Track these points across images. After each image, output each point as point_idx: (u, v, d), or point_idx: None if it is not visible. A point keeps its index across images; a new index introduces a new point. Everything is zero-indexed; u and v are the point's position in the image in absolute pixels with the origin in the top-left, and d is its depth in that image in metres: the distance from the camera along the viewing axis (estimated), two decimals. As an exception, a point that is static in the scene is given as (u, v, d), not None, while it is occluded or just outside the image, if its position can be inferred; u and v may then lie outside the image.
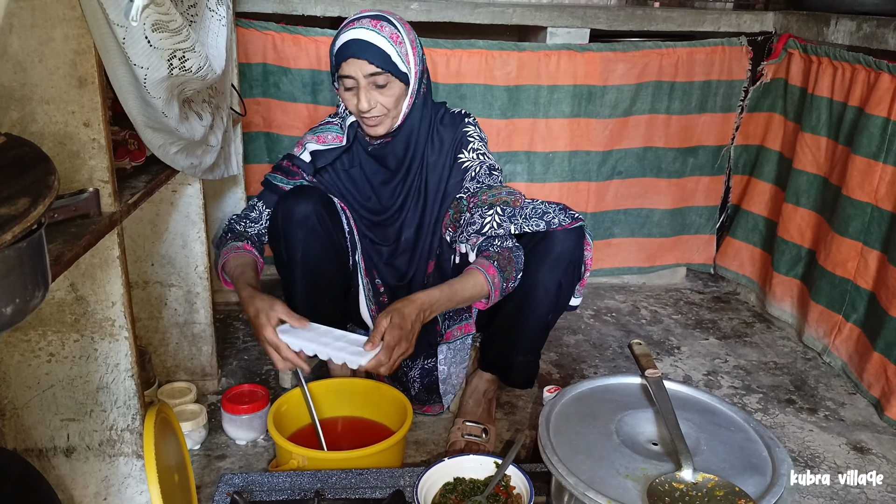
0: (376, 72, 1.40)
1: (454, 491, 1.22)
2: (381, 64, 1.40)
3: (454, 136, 1.56)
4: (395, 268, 1.64)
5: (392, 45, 1.41)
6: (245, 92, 2.08)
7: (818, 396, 1.85)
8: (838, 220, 1.93)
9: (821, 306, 2.02)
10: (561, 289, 1.49)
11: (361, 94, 1.42)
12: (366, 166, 1.59)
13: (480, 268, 1.40)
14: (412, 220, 1.60)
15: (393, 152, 1.54)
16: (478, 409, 1.60)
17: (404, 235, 1.61)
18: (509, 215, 1.46)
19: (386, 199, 1.60)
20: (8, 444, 1.13)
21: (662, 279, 2.57)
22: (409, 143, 1.53)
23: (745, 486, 0.99)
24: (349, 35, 1.41)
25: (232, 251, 1.49)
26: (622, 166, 2.35)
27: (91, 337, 1.09)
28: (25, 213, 0.65)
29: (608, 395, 1.26)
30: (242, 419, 1.52)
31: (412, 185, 1.58)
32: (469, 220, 1.48)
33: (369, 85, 1.42)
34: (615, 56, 2.19)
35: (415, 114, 1.51)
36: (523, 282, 1.47)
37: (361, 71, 1.40)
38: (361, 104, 1.42)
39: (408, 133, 1.52)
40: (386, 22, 1.42)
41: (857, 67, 1.89)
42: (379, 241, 1.63)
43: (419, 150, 1.55)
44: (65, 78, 0.96)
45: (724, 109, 2.34)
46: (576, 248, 1.47)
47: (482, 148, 1.57)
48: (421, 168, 1.57)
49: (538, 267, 1.47)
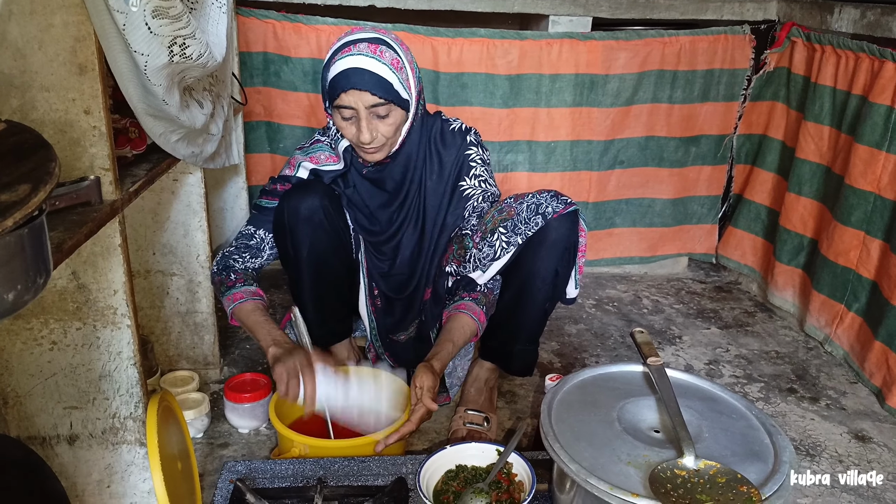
0: (379, 103, 1.34)
1: (456, 478, 1.22)
2: (384, 94, 1.34)
3: (455, 159, 1.52)
4: (393, 283, 1.62)
5: (394, 72, 1.35)
6: (246, 81, 2.07)
7: (819, 385, 1.85)
8: (841, 209, 1.93)
9: (823, 296, 2.02)
10: (557, 276, 1.49)
11: (363, 126, 1.36)
12: (361, 189, 1.55)
13: (474, 316, 1.51)
14: (409, 243, 1.57)
15: (391, 176, 1.51)
16: (479, 397, 1.61)
17: (400, 257, 1.58)
18: (511, 229, 1.45)
19: (384, 222, 1.56)
20: (11, 431, 1.14)
21: (664, 269, 2.56)
22: (407, 166, 1.50)
23: (747, 474, 0.99)
24: (348, 63, 1.33)
25: (248, 298, 1.46)
26: (624, 156, 2.34)
27: (93, 325, 1.09)
28: (26, 200, 0.64)
29: (610, 382, 1.26)
30: (245, 407, 1.53)
31: (410, 208, 1.54)
32: (480, 256, 1.49)
33: (370, 115, 1.36)
34: (617, 45, 2.18)
35: (413, 136, 1.47)
36: (520, 271, 1.48)
37: (363, 102, 1.34)
38: (363, 136, 1.37)
39: (406, 156, 1.49)
40: (385, 46, 1.36)
41: (861, 56, 1.88)
42: (377, 255, 1.61)
43: (417, 172, 1.51)
44: (65, 65, 0.95)
45: (727, 98, 2.33)
46: (570, 233, 1.46)
47: (484, 174, 1.54)
48: (419, 192, 1.53)
49: (534, 256, 1.46)
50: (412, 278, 1.59)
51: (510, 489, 1.20)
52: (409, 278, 1.60)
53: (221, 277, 1.52)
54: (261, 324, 1.43)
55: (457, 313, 1.51)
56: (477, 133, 1.56)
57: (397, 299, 1.62)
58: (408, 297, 1.61)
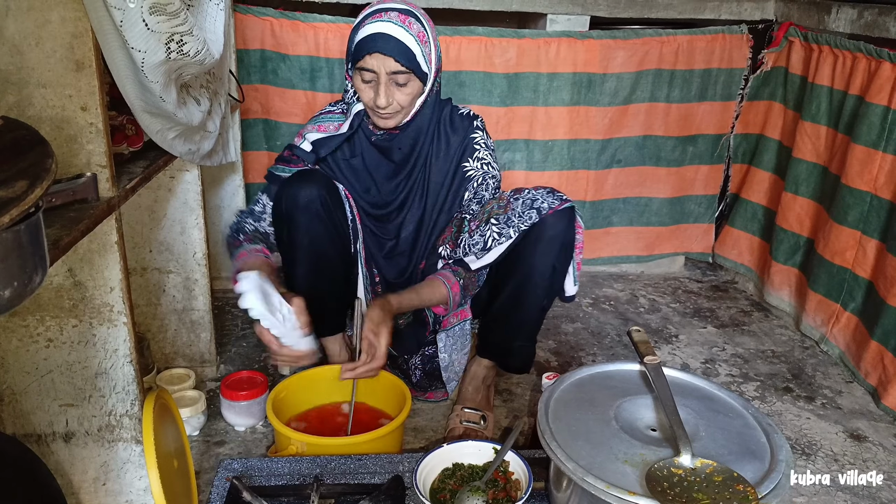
0: (400, 70, 1.39)
1: (453, 476, 1.22)
2: (406, 63, 1.38)
3: (461, 142, 1.56)
4: (395, 263, 1.64)
5: (419, 44, 1.40)
6: (243, 78, 2.07)
7: (815, 385, 1.86)
8: (837, 208, 1.93)
9: (819, 295, 2.02)
10: (555, 272, 1.49)
11: (381, 90, 1.40)
12: (368, 157, 1.58)
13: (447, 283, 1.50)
14: (413, 218, 1.60)
15: (399, 146, 1.54)
16: (477, 395, 1.61)
17: (404, 233, 1.61)
18: (505, 221, 1.46)
19: (388, 193, 1.59)
20: (7, 429, 1.13)
21: (661, 268, 2.57)
22: (416, 139, 1.53)
23: (743, 472, 1.00)
24: (376, 27, 1.38)
25: (251, 255, 1.47)
26: (621, 154, 2.35)
27: (89, 322, 1.09)
28: (23, 196, 0.64)
29: (607, 381, 1.26)
30: (241, 405, 1.52)
31: (415, 183, 1.58)
32: (471, 242, 1.49)
33: (390, 81, 1.40)
34: (615, 43, 2.18)
35: (425, 111, 1.50)
36: (518, 268, 1.48)
37: (385, 67, 1.38)
38: (380, 100, 1.41)
39: (416, 129, 1.52)
40: (414, 18, 1.41)
41: (858, 56, 1.88)
42: (380, 234, 1.63)
43: (424, 148, 1.55)
44: (62, 61, 0.95)
45: (724, 98, 2.33)
46: (567, 229, 1.47)
47: (487, 158, 1.57)
48: (424, 168, 1.57)
49: (532, 252, 1.47)
50: (412, 258, 1.61)
51: (507, 487, 1.20)
52: (409, 259, 1.62)
53: (231, 240, 1.55)
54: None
55: (433, 277, 1.53)
56: (483, 121, 1.60)
57: (397, 283, 1.63)
58: (407, 279, 1.63)
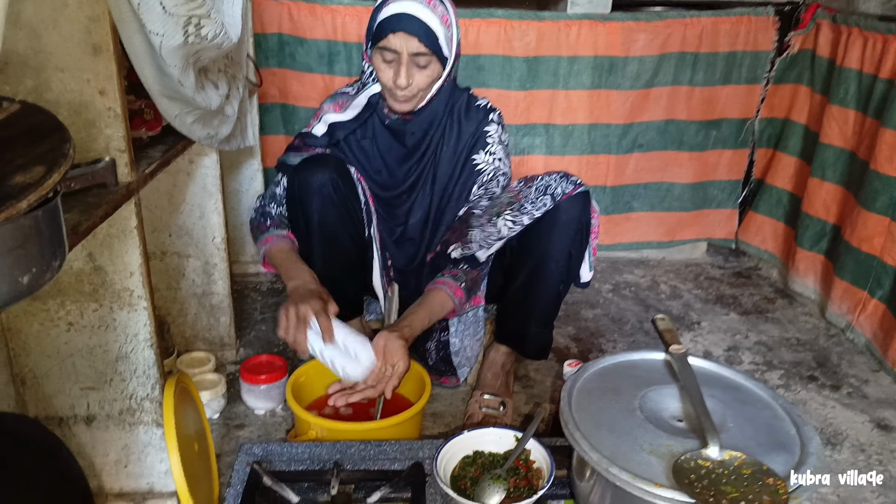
0: (423, 51, 1.38)
1: (473, 464, 1.21)
2: (429, 44, 1.37)
3: (473, 133, 1.54)
4: (404, 250, 1.63)
5: (442, 26, 1.39)
6: (260, 62, 2.06)
7: (841, 373, 1.82)
8: (865, 194, 1.89)
9: (845, 282, 1.98)
10: (570, 257, 1.48)
11: (402, 70, 1.39)
12: (380, 139, 1.57)
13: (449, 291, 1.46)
14: (422, 203, 1.59)
15: (412, 130, 1.52)
16: (496, 382, 1.60)
17: (412, 219, 1.60)
18: (518, 209, 1.45)
19: (398, 176, 1.58)
20: (29, 412, 1.14)
21: (682, 254, 2.53)
22: (429, 126, 1.52)
23: (772, 465, 0.97)
24: (401, 7, 1.37)
25: (277, 240, 1.49)
26: (643, 139, 2.31)
27: (110, 307, 1.09)
28: (41, 181, 0.63)
29: (631, 370, 1.24)
30: (261, 389, 1.53)
31: (425, 168, 1.56)
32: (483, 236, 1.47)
33: (411, 62, 1.39)
34: (637, 26, 2.14)
35: (441, 96, 1.49)
36: (533, 253, 1.47)
37: (408, 47, 1.37)
38: (400, 80, 1.40)
39: (430, 115, 1.51)
40: (438, 1, 1.40)
41: (889, 38, 1.83)
42: (389, 219, 1.62)
43: (436, 136, 1.54)
44: (79, 45, 0.94)
45: (749, 81, 2.28)
46: (582, 214, 1.45)
47: (499, 153, 1.55)
48: (434, 156, 1.55)
49: (547, 238, 1.45)
50: (420, 246, 1.61)
51: (528, 476, 1.19)
52: (418, 247, 1.61)
53: (256, 224, 1.56)
54: (287, 262, 1.46)
55: (434, 288, 1.49)
56: (500, 115, 1.57)
57: (409, 271, 1.63)
58: (416, 268, 1.62)
